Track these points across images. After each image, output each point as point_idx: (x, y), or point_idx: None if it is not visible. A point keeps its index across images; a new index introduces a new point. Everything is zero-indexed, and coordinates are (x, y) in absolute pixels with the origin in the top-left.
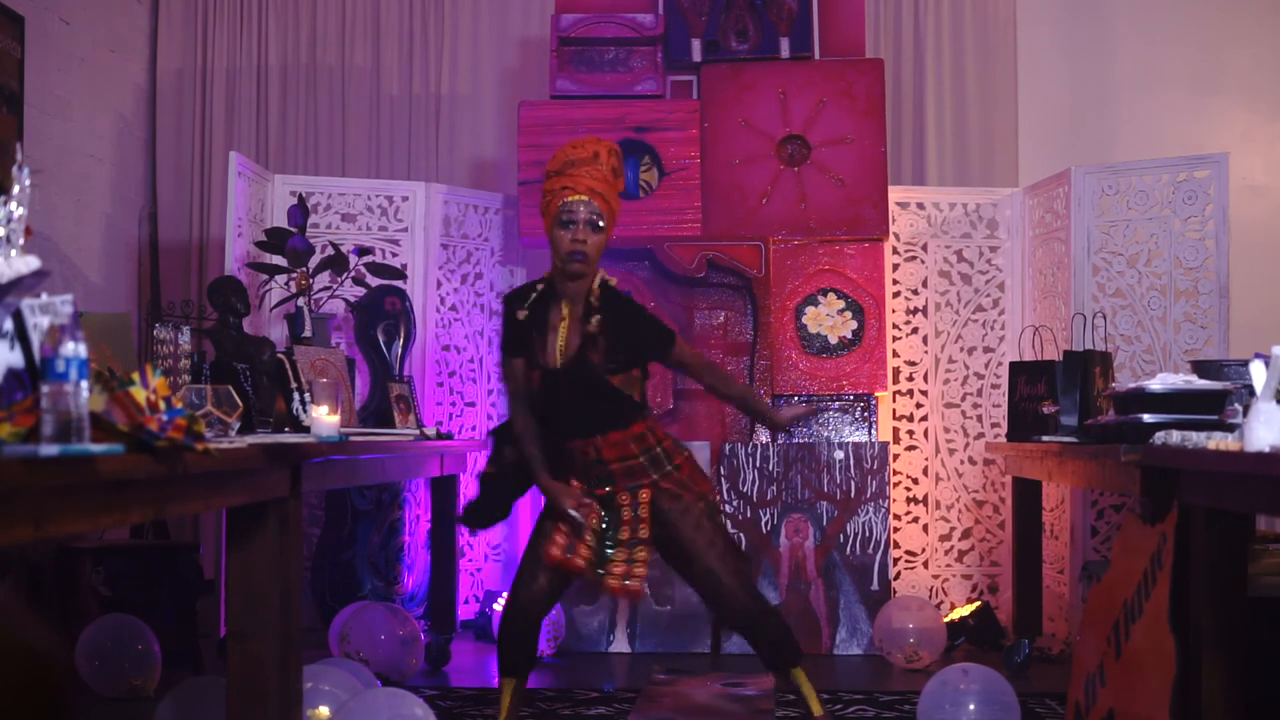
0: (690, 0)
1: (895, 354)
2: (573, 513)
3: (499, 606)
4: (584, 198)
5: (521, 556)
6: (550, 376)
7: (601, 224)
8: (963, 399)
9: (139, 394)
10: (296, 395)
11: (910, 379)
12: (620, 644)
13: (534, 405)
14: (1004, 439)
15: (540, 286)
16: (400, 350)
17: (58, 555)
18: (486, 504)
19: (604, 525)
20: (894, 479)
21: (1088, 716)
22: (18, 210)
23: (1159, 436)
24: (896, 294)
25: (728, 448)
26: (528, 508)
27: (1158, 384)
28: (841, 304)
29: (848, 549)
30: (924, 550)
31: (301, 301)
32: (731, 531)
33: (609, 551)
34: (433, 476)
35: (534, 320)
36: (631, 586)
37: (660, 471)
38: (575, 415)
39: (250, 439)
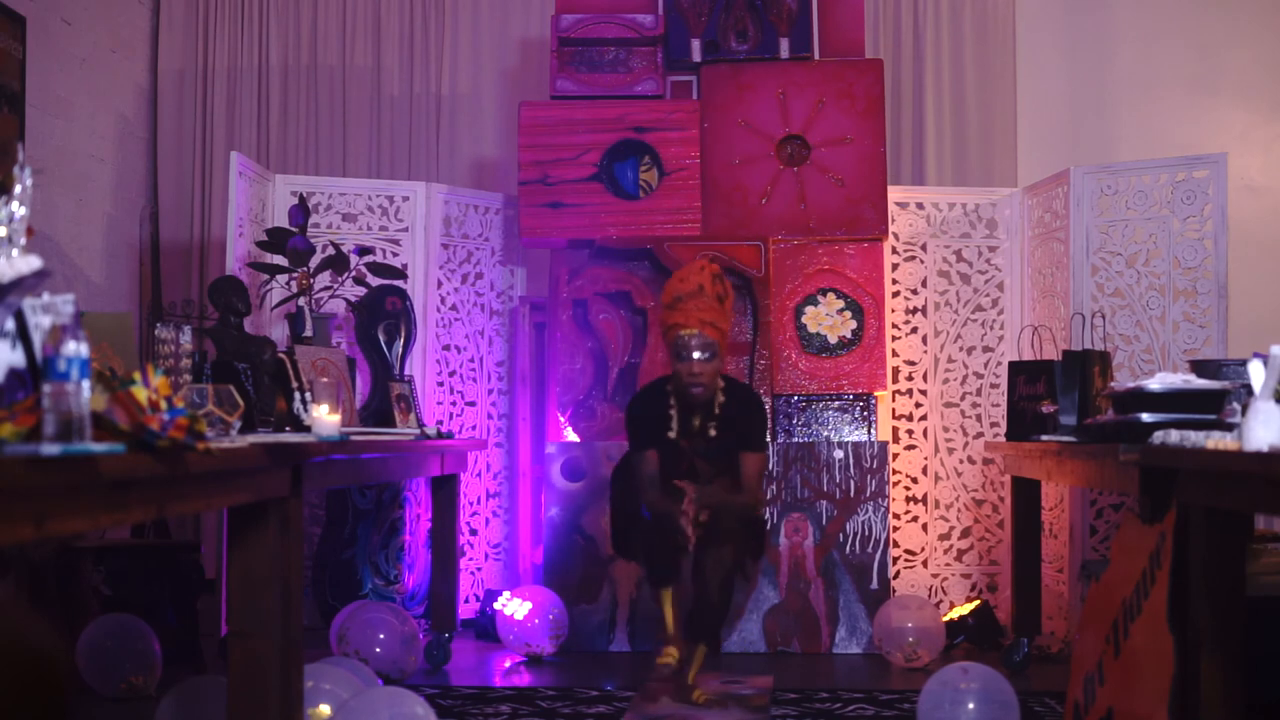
0: (690, 1)
1: (894, 353)
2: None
3: (500, 606)
4: (695, 331)
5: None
6: (684, 458)
7: (716, 350)
8: (962, 398)
9: (140, 393)
10: (297, 395)
11: (909, 378)
12: (620, 643)
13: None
14: (1003, 438)
15: (668, 389)
16: (401, 350)
17: (59, 554)
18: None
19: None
20: (893, 478)
21: (1087, 715)
22: (19, 210)
23: (1158, 436)
24: (896, 294)
25: None
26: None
27: (1156, 383)
28: (841, 304)
29: (847, 548)
30: (923, 549)
31: (302, 301)
32: None
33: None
34: (433, 476)
35: (663, 423)
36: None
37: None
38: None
39: (251, 438)
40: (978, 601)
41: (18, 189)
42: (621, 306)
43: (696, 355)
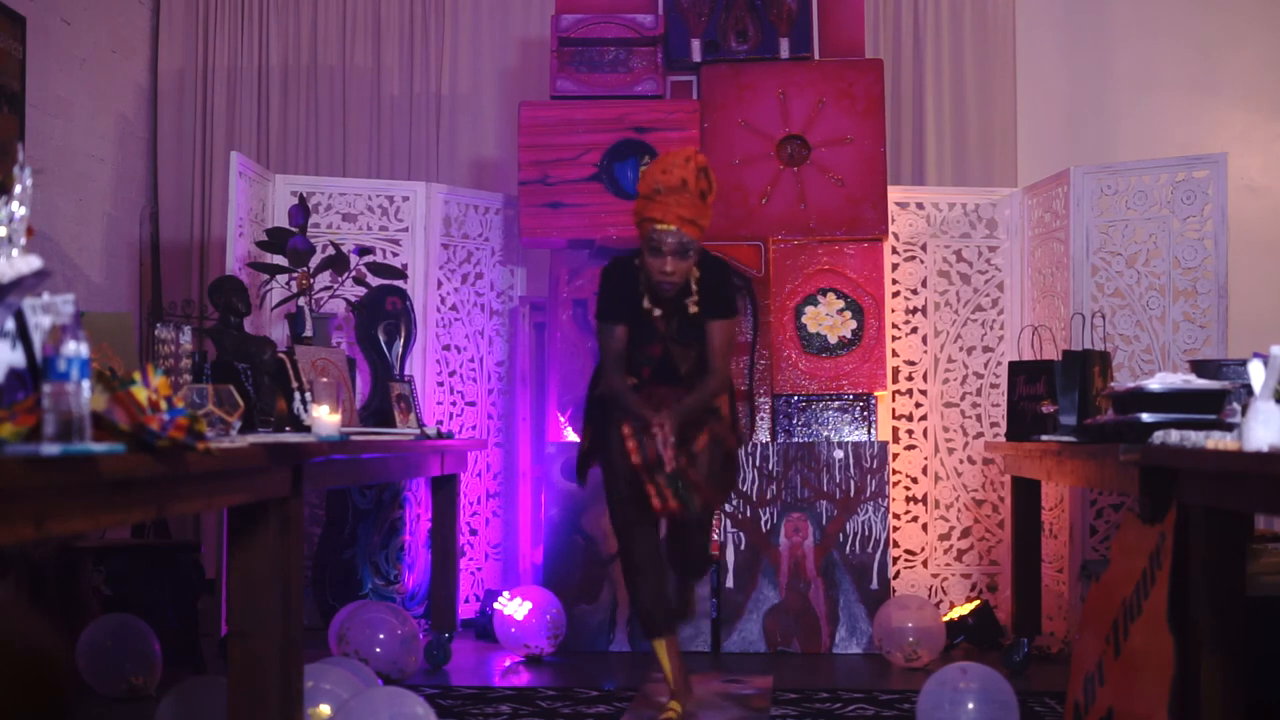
0: (690, 1)
1: (894, 353)
2: (654, 419)
3: (499, 606)
4: (672, 227)
5: (613, 520)
6: (657, 337)
7: (691, 248)
8: (962, 398)
9: (140, 393)
10: (297, 395)
11: (909, 378)
12: (620, 643)
13: (631, 357)
14: (1003, 438)
15: (637, 264)
16: (401, 350)
17: (59, 554)
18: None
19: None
20: (893, 478)
21: (1086, 715)
22: (19, 210)
23: (1158, 436)
24: (896, 294)
25: None
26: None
27: (1156, 383)
28: (841, 304)
29: (847, 548)
30: (923, 549)
31: (302, 301)
32: (731, 531)
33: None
34: (433, 476)
35: (638, 296)
36: (671, 505)
37: (714, 419)
38: (674, 368)
39: (251, 438)
40: (978, 601)
41: (18, 189)
42: None
43: (671, 254)
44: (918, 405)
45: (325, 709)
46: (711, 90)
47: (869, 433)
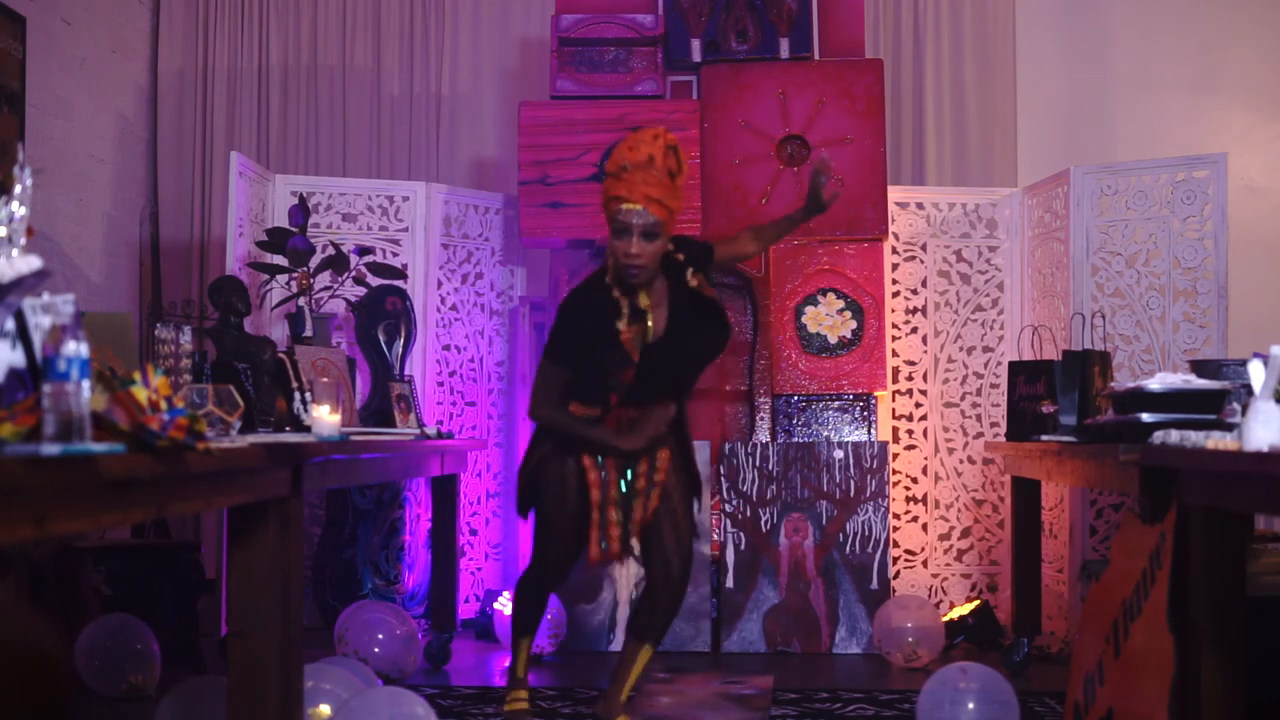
0: (690, 1)
1: (894, 354)
2: (619, 444)
3: (499, 605)
4: (639, 207)
5: (540, 552)
6: (646, 354)
7: (658, 232)
8: (962, 398)
9: (140, 393)
10: (297, 395)
11: (909, 378)
12: (620, 643)
13: (596, 385)
14: (1003, 438)
15: (608, 281)
16: (401, 350)
17: (59, 554)
18: (525, 493)
19: (623, 489)
20: (893, 478)
21: (1086, 715)
22: (19, 210)
23: (1158, 436)
24: (896, 294)
25: (727, 447)
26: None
27: (1156, 383)
28: (841, 304)
29: (847, 548)
30: (923, 549)
31: (302, 301)
32: (731, 531)
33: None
34: (433, 476)
35: (609, 318)
36: (612, 549)
37: (678, 439)
38: (655, 386)
39: (251, 438)
40: (978, 601)
41: (18, 189)
42: None
43: (638, 234)
44: (918, 405)
45: (325, 709)
46: (711, 90)
47: (869, 433)
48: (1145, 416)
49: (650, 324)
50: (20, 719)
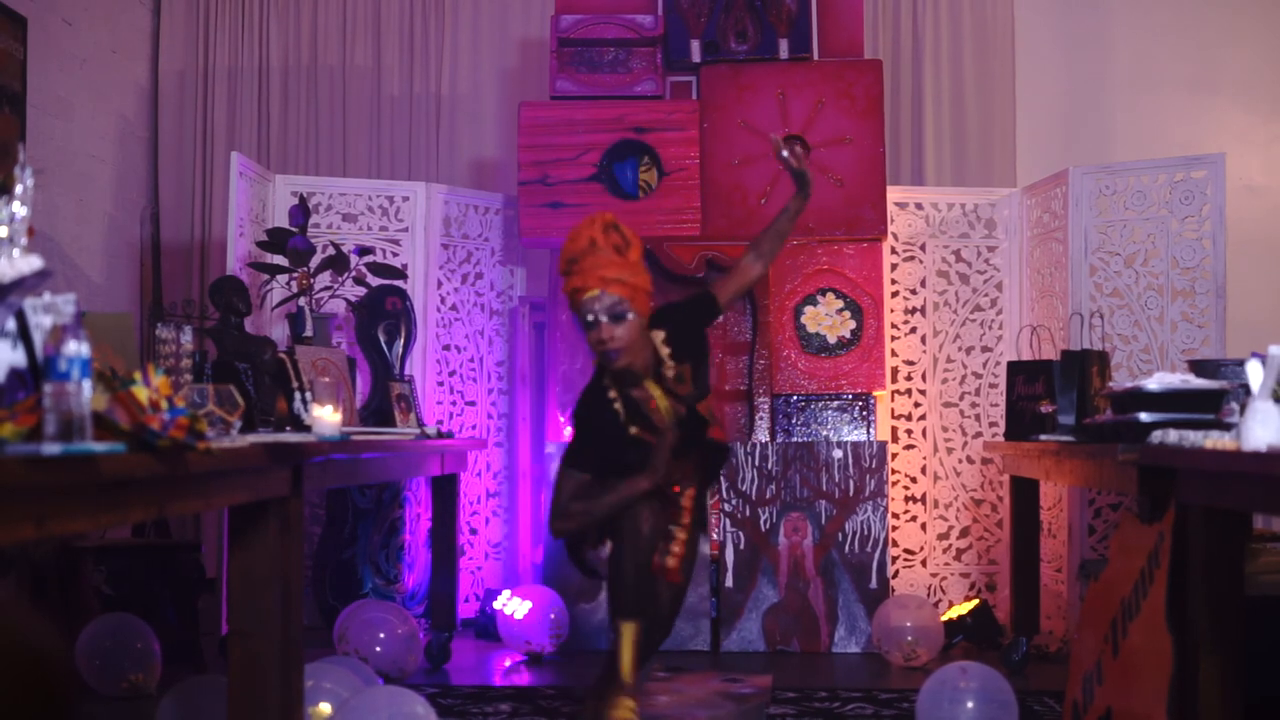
0: (690, 1)
1: (894, 353)
2: (641, 486)
3: (500, 605)
4: (596, 292)
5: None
6: (644, 455)
7: (625, 311)
8: (961, 398)
9: (141, 393)
10: (298, 394)
11: (909, 378)
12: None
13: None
14: (1002, 438)
15: (608, 384)
16: (401, 350)
17: (59, 554)
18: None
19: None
20: (892, 478)
21: (1085, 715)
22: (20, 210)
23: (1156, 436)
24: (895, 294)
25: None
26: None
27: (1155, 383)
28: (840, 304)
29: (846, 547)
30: (922, 549)
31: (303, 301)
32: (731, 530)
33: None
34: (433, 475)
35: (635, 412)
36: (670, 564)
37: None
38: (682, 450)
39: (252, 438)
40: (976, 601)
41: (19, 189)
42: None
43: (604, 319)
44: (917, 405)
45: (326, 708)
46: (711, 91)
47: (868, 432)
48: (1143, 416)
49: (663, 409)
50: (21, 719)
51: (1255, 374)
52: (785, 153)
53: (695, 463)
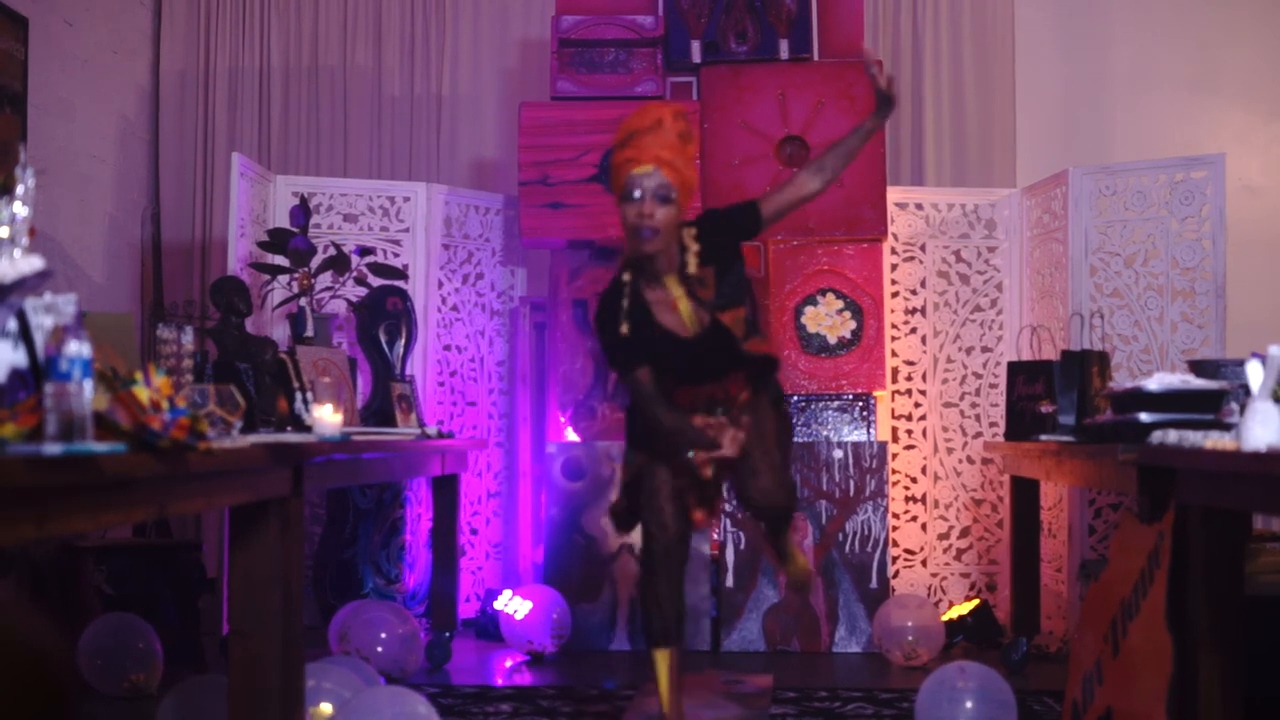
0: (690, 2)
1: (894, 354)
2: (710, 435)
3: (501, 605)
4: (649, 169)
5: (641, 509)
6: (682, 346)
7: (671, 196)
8: (961, 398)
9: (142, 393)
10: (299, 395)
11: (909, 378)
12: (621, 641)
13: (661, 372)
14: (1002, 438)
15: (626, 278)
16: (402, 350)
17: (60, 554)
18: (630, 505)
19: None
20: (892, 478)
21: (1085, 715)
22: (21, 211)
23: (1156, 436)
24: (895, 294)
25: None
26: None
27: (1155, 383)
28: (840, 304)
29: (846, 547)
30: (922, 549)
31: (303, 301)
32: (731, 530)
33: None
34: (434, 476)
35: (639, 314)
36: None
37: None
38: (710, 368)
39: (252, 438)
40: (976, 601)
41: (20, 190)
42: None
43: (650, 195)
44: (917, 405)
45: (327, 708)
46: (711, 91)
47: (868, 432)
48: (1144, 416)
49: (686, 316)
50: (22, 718)
51: (1255, 374)
52: (874, 69)
53: (745, 376)
